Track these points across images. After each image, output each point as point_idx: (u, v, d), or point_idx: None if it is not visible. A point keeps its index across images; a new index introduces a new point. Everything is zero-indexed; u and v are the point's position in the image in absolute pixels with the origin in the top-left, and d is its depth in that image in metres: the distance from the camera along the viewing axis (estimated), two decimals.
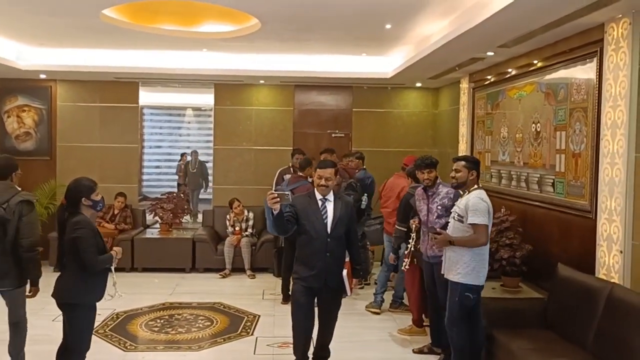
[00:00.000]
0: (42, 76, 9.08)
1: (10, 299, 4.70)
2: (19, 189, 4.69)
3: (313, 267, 4.52)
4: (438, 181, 5.43)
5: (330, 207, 4.58)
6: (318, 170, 4.62)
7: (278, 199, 4.15)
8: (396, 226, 6.19)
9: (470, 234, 4.63)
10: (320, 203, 4.58)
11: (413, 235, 5.71)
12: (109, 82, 9.41)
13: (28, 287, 4.77)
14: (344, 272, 4.59)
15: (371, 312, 6.86)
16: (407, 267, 5.77)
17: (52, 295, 4.21)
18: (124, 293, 6.80)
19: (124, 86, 9.50)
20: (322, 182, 4.54)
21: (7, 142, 9.48)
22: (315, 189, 4.63)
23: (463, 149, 8.13)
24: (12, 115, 9.46)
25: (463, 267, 4.64)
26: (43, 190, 9.11)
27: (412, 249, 5.71)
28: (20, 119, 9.46)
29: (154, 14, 6.36)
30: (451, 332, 4.76)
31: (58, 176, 9.44)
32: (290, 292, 4.65)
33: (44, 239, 8.89)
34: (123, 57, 8.32)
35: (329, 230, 4.53)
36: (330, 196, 4.61)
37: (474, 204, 4.61)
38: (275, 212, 4.20)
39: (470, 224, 4.62)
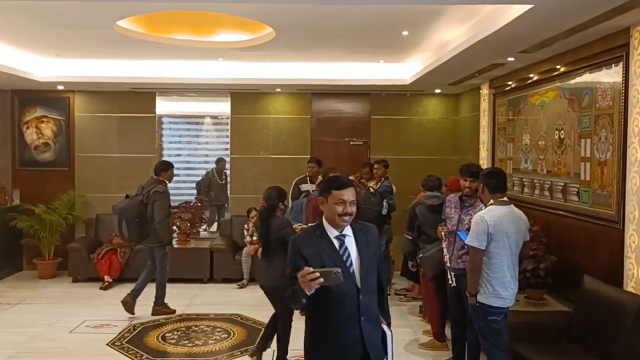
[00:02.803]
0: (60, 87, 9.11)
1: (155, 253, 7.00)
2: (166, 181, 6.96)
3: (343, 339, 3.01)
4: (479, 193, 5.03)
5: (352, 246, 3.06)
6: (335, 192, 3.02)
7: (321, 279, 2.78)
8: (405, 235, 6.14)
9: None
10: (337, 243, 3.04)
11: (444, 244, 5.34)
12: (126, 93, 9.43)
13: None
14: (389, 335, 3.15)
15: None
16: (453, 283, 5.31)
17: (261, 280, 5.46)
18: (145, 305, 6.86)
19: (141, 96, 9.51)
20: (347, 209, 3.00)
21: (26, 153, 9.52)
22: (328, 222, 3.08)
23: (484, 157, 7.98)
24: (31, 126, 9.50)
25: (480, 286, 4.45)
26: (62, 201, 9.10)
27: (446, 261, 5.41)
28: (39, 130, 9.50)
29: (169, 24, 6.34)
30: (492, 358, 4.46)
31: (77, 187, 9.44)
32: None
33: (62, 249, 8.94)
34: (139, 67, 8.32)
35: (358, 282, 3.01)
36: (348, 229, 3.09)
37: (473, 222, 4.47)
38: (310, 294, 2.85)
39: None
